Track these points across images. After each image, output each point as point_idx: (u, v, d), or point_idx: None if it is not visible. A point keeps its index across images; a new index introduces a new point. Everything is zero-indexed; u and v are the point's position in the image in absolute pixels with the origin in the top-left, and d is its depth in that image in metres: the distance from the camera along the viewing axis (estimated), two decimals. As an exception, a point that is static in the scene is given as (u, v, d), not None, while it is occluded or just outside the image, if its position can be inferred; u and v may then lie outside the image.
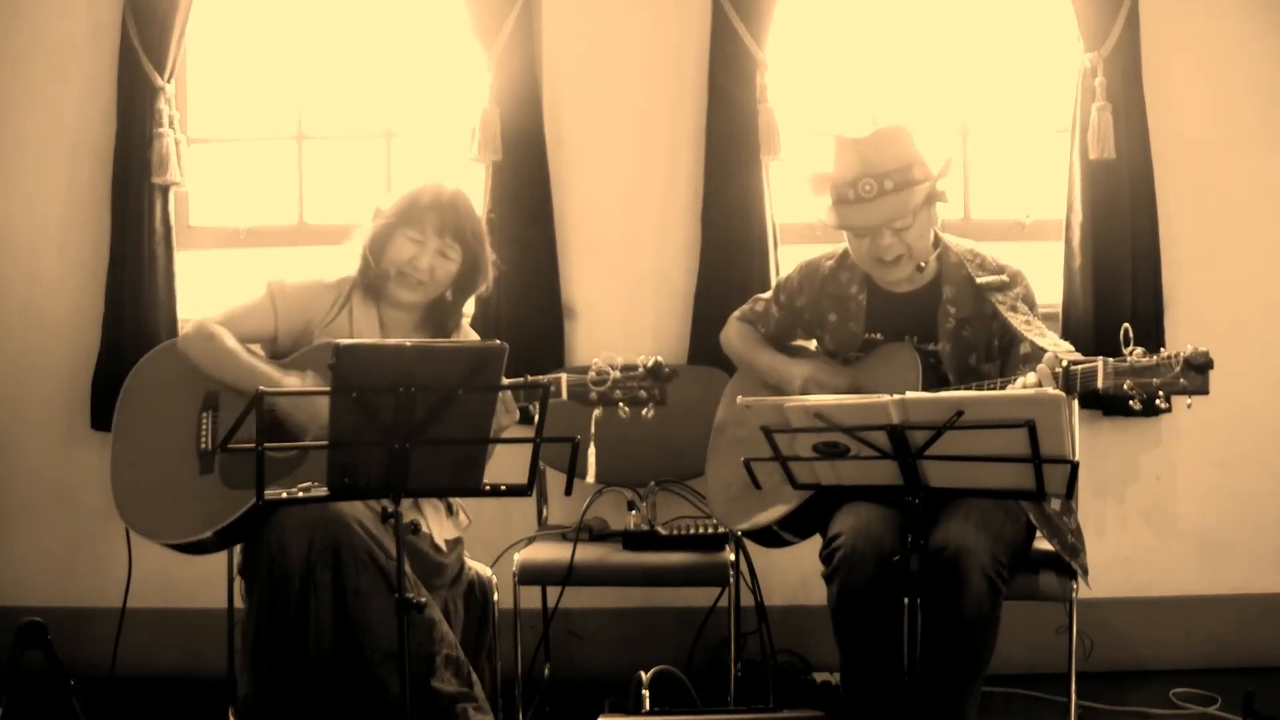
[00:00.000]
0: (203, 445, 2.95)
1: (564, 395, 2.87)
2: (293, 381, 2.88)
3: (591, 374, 2.88)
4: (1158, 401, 2.50)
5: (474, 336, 3.25)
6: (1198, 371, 2.45)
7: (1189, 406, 2.52)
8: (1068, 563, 2.89)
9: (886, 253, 2.95)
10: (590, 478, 2.91)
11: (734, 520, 3.12)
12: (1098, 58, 3.64)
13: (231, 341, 2.94)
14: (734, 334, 3.32)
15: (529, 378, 2.86)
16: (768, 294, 3.33)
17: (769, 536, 3.09)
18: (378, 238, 3.02)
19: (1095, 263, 3.67)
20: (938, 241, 3.05)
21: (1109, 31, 3.63)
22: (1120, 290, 3.66)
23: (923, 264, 3.00)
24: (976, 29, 3.93)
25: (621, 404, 2.88)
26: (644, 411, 2.88)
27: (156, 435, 2.98)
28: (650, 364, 2.87)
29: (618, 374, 2.88)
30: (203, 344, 2.96)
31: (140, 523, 2.93)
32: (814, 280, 3.19)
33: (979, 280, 2.97)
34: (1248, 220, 3.79)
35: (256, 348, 3.03)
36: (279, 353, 3.03)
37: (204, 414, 2.98)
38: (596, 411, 2.89)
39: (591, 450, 2.89)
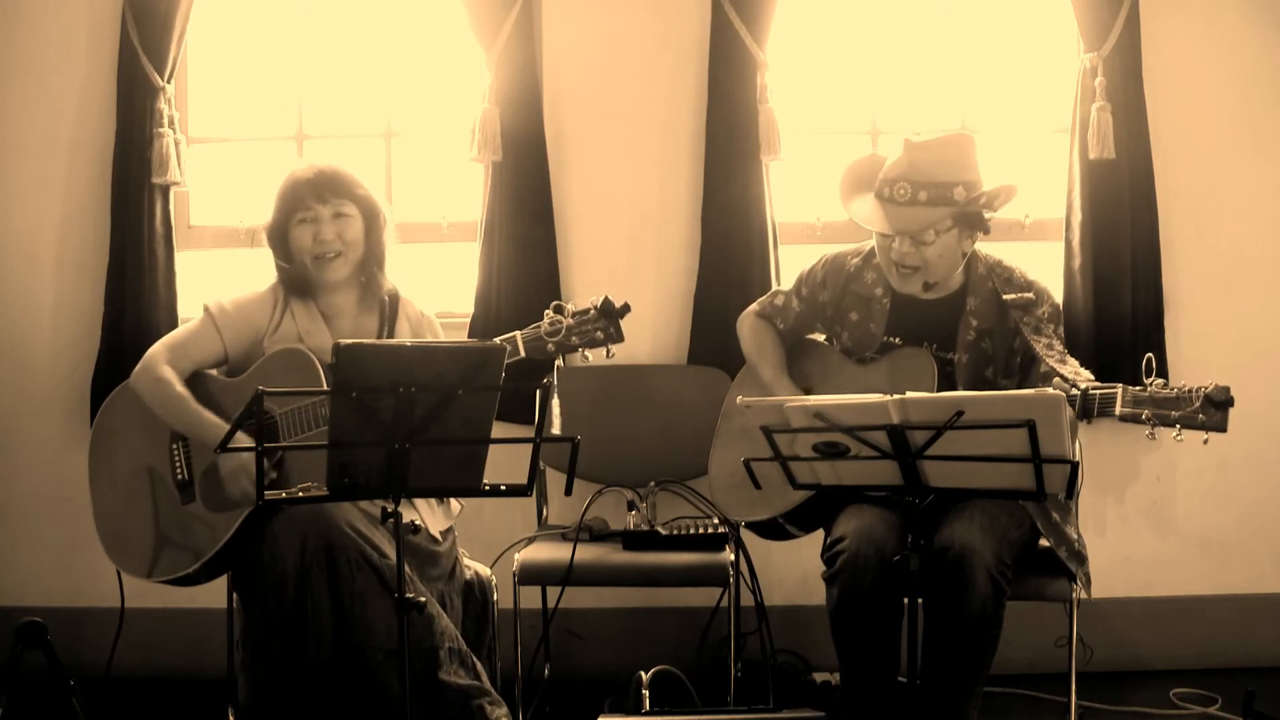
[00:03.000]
0: (179, 475, 2.96)
1: (522, 353, 2.87)
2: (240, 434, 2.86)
3: (545, 325, 2.88)
4: (1174, 436, 2.48)
5: (435, 322, 3.22)
6: (1218, 408, 2.45)
7: (1205, 443, 2.50)
8: (1068, 569, 2.89)
9: (902, 259, 2.94)
10: (556, 428, 2.90)
11: (735, 511, 3.11)
12: (1098, 58, 3.64)
13: (180, 388, 2.94)
14: (748, 331, 3.29)
15: (498, 341, 2.82)
16: (788, 287, 3.29)
17: (772, 529, 3.09)
18: (276, 242, 3.05)
19: (1095, 262, 3.67)
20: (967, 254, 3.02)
21: (1109, 31, 3.63)
22: (1120, 290, 3.66)
23: (930, 283, 2.97)
24: (976, 29, 3.93)
25: (581, 349, 2.88)
26: (605, 353, 2.88)
27: (132, 476, 3.01)
28: (600, 303, 2.88)
29: (570, 320, 2.88)
30: (150, 386, 2.97)
31: (134, 566, 2.97)
32: (839, 276, 3.17)
33: (1005, 296, 2.95)
34: (1248, 220, 3.79)
35: (213, 371, 3.03)
36: (234, 370, 3.04)
37: (174, 445, 2.99)
38: (559, 363, 2.89)
39: (556, 402, 2.88)
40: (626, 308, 2.89)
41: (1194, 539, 3.83)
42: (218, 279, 3.94)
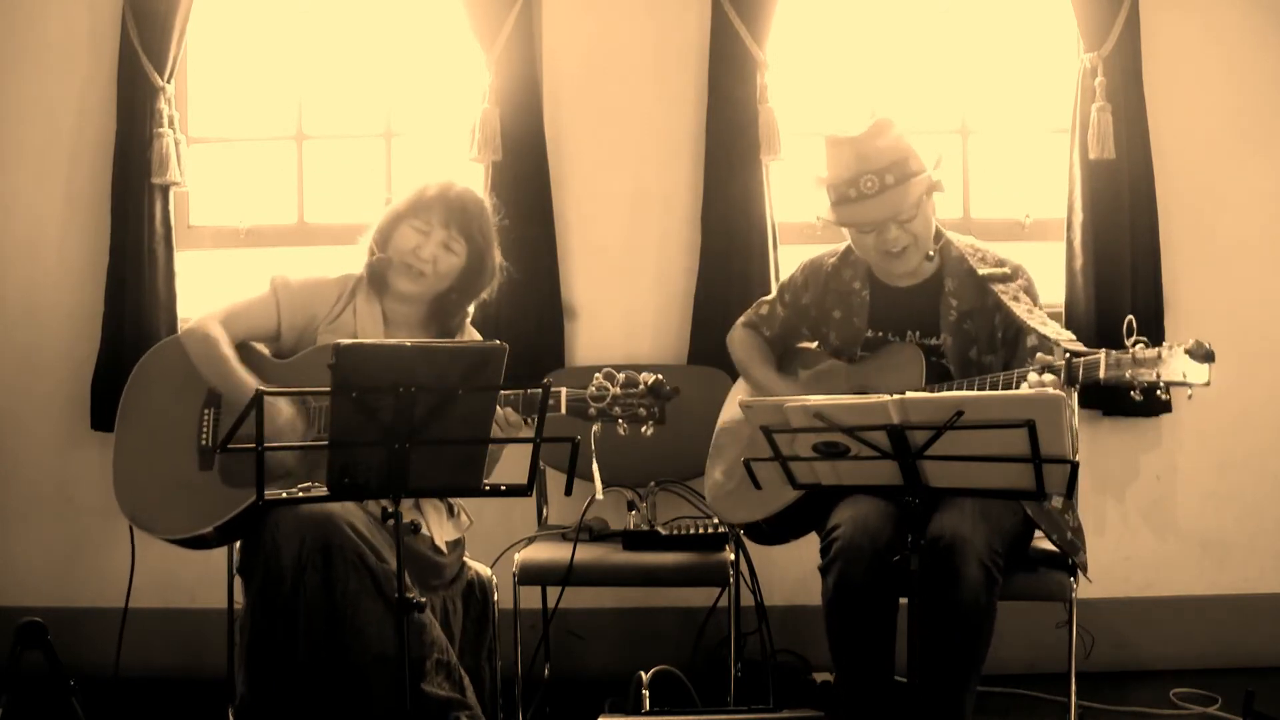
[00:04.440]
0: (203, 441, 2.96)
1: (563, 410, 2.84)
2: (284, 412, 2.86)
3: (591, 389, 2.84)
4: (1159, 393, 2.53)
5: (478, 338, 3.25)
6: (1199, 362, 2.48)
7: (1189, 397, 2.56)
8: (1068, 561, 2.89)
9: (893, 245, 2.96)
10: (598, 494, 2.91)
11: (729, 514, 3.12)
12: (1098, 58, 3.64)
13: (226, 348, 2.94)
14: (737, 341, 3.33)
15: (528, 391, 2.84)
16: (771, 295, 3.33)
17: (764, 533, 3.10)
18: (384, 228, 3.05)
19: (1096, 262, 3.67)
20: (939, 235, 3.07)
21: (1109, 31, 3.63)
22: (1121, 289, 3.66)
23: (931, 253, 3.02)
24: (976, 29, 3.93)
25: (621, 421, 2.85)
26: (643, 429, 2.85)
27: (159, 427, 2.99)
28: (651, 382, 2.83)
29: (618, 390, 2.83)
30: (198, 344, 2.96)
31: (138, 514, 2.94)
32: (818, 277, 3.20)
33: (981, 272, 2.98)
34: (1248, 220, 3.79)
35: (260, 345, 3.03)
36: (282, 350, 3.04)
37: (206, 410, 2.98)
38: (595, 426, 2.88)
39: (595, 466, 2.87)
40: (676, 391, 2.83)
41: (1194, 539, 3.83)
42: (218, 279, 3.94)
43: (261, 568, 2.72)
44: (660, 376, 2.83)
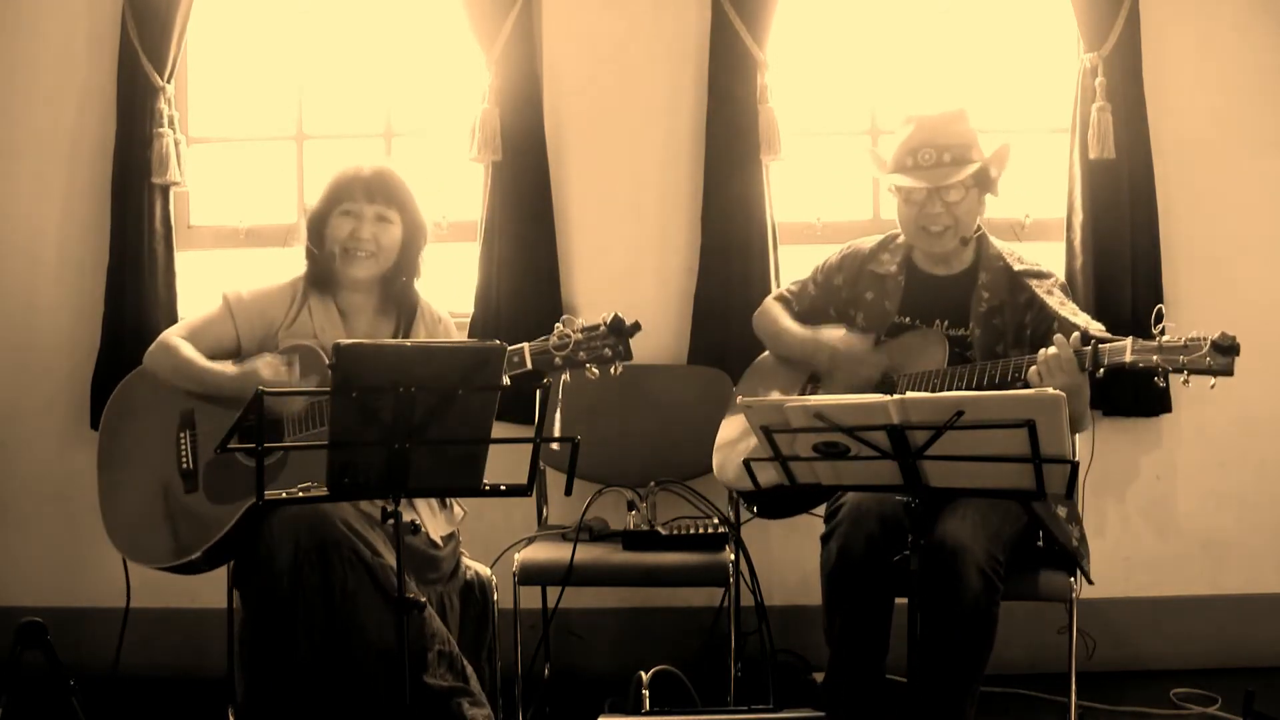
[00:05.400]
0: (184, 465, 2.96)
1: (528, 364, 2.86)
2: (266, 372, 2.88)
3: (553, 339, 2.87)
4: (1183, 380, 2.57)
5: (451, 324, 3.24)
6: (1223, 353, 2.54)
7: (1212, 387, 2.58)
8: (1068, 562, 2.89)
9: (934, 222, 3.03)
10: (556, 427, 2.92)
11: (735, 479, 3.13)
12: (1098, 58, 3.64)
13: (189, 350, 2.96)
14: (768, 309, 3.36)
15: (497, 341, 2.82)
16: (806, 275, 3.36)
17: (771, 504, 3.13)
18: (313, 225, 3.05)
19: (1096, 262, 3.67)
20: (979, 228, 3.12)
21: (1109, 31, 3.63)
22: (1121, 289, 3.66)
23: (966, 237, 3.06)
24: (976, 29, 3.93)
25: (589, 365, 2.87)
26: (611, 370, 2.87)
27: (138, 462, 3.01)
28: (610, 320, 2.86)
29: (579, 335, 2.87)
30: (162, 356, 2.99)
31: (135, 551, 2.97)
32: (855, 260, 3.25)
33: (1017, 269, 3.04)
34: (1248, 220, 3.79)
35: (225, 361, 3.03)
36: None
37: (181, 434, 2.99)
38: (565, 376, 2.89)
39: (558, 415, 2.90)
40: (637, 326, 2.88)
41: (1194, 539, 3.83)
42: (218, 279, 3.94)
43: (258, 572, 2.72)
44: (618, 313, 2.85)
